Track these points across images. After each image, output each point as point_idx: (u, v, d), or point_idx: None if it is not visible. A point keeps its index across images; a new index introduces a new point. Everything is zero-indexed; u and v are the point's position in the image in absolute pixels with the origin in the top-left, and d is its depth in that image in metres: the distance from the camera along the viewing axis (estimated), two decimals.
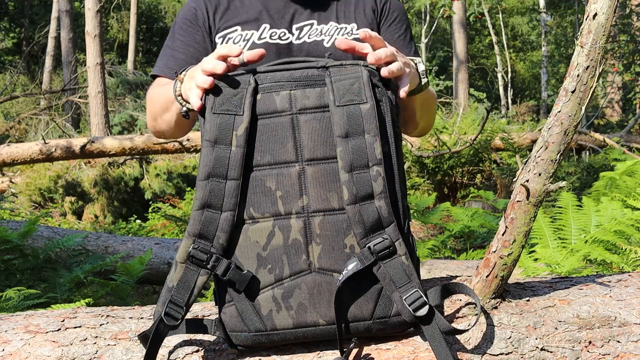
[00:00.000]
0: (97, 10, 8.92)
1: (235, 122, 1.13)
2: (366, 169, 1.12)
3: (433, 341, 1.12)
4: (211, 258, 1.13)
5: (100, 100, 8.94)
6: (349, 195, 1.12)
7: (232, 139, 1.13)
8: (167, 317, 1.13)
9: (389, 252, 1.12)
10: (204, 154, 1.14)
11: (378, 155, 1.12)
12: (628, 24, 12.98)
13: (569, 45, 17.78)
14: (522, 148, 6.98)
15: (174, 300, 1.14)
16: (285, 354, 1.17)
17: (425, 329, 1.12)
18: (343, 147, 1.12)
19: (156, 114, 1.48)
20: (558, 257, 2.46)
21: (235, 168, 1.13)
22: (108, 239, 4.36)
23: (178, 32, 1.54)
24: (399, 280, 1.12)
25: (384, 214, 1.12)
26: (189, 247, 1.14)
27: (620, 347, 1.17)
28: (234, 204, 1.13)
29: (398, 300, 1.13)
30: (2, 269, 3.47)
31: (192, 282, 1.14)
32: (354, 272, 1.10)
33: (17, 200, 8.05)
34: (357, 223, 1.12)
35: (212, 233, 1.13)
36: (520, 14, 22.82)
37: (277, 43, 1.47)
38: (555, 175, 1.15)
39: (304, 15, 1.50)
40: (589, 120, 12.75)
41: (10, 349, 1.18)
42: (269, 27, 1.49)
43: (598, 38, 1.09)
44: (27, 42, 20.65)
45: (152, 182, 7.87)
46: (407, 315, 1.13)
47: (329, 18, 1.51)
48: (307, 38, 1.48)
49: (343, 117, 1.13)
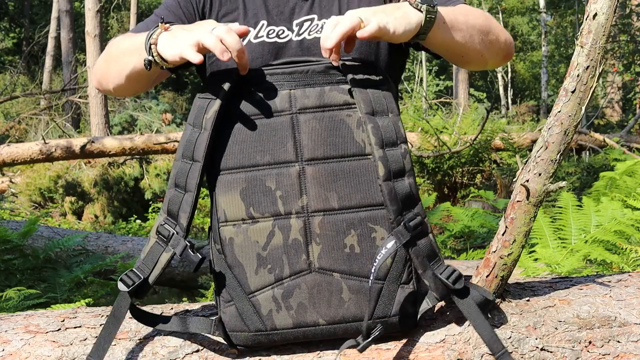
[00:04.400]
0: (97, 10, 8.93)
1: (208, 105, 1.15)
2: (396, 146, 1.13)
3: (470, 312, 1.12)
4: (172, 235, 1.14)
5: (100, 100, 8.95)
6: (384, 171, 1.12)
7: (202, 122, 1.15)
8: (121, 282, 1.15)
9: (422, 229, 1.13)
10: (184, 135, 1.17)
11: (403, 133, 1.14)
12: (628, 24, 12.98)
13: (569, 45, 17.77)
14: (522, 148, 6.97)
15: (136, 270, 1.16)
16: (285, 353, 1.17)
17: (461, 302, 1.13)
18: (373, 124, 1.13)
19: (112, 56, 1.34)
20: (558, 257, 2.46)
21: (199, 150, 1.14)
22: (108, 239, 4.36)
23: (169, 4, 1.41)
24: (431, 257, 1.13)
25: (413, 191, 1.13)
26: (159, 222, 1.16)
27: (620, 347, 1.17)
28: (194, 185, 1.14)
29: (431, 277, 1.13)
30: (2, 269, 3.47)
31: (156, 257, 1.16)
32: (394, 251, 1.10)
33: (17, 200, 8.04)
34: (392, 200, 1.12)
35: (175, 212, 1.15)
36: (520, 14, 22.81)
37: (275, 42, 1.36)
38: (555, 175, 1.15)
39: (305, 9, 1.38)
40: (589, 120, 12.75)
41: (10, 349, 1.18)
42: (266, 24, 1.38)
43: (598, 38, 1.09)
44: (27, 42, 20.64)
45: (152, 182, 7.87)
46: (440, 291, 1.13)
47: (331, 11, 1.38)
48: (307, 35, 1.36)
49: (368, 95, 1.14)
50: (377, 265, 1.09)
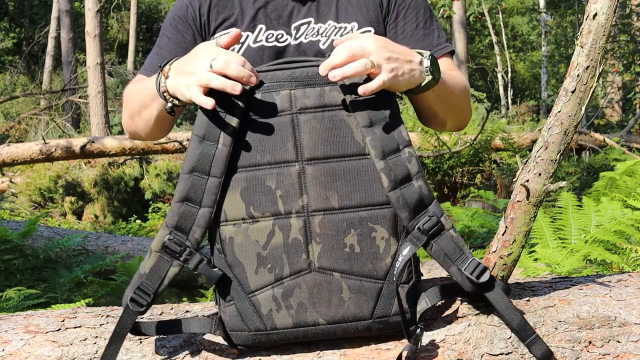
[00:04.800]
0: (97, 10, 8.92)
1: (225, 120, 1.14)
2: (398, 152, 1.13)
3: (499, 304, 1.13)
4: (185, 251, 1.14)
5: (100, 100, 8.94)
6: (388, 182, 1.12)
7: (220, 137, 1.13)
8: (133, 302, 1.14)
9: (438, 228, 1.13)
10: (191, 148, 1.14)
11: (405, 137, 1.14)
12: (628, 24, 12.97)
13: (569, 45, 17.77)
14: (522, 148, 6.97)
15: (143, 287, 1.15)
16: (285, 353, 1.17)
17: (489, 295, 1.13)
18: (372, 136, 1.13)
19: (134, 111, 1.39)
20: (558, 257, 2.46)
21: (218, 166, 1.13)
22: (108, 239, 4.36)
23: (167, 30, 1.45)
24: (452, 254, 1.13)
25: (424, 192, 1.13)
26: (165, 238, 1.15)
27: (620, 347, 1.17)
28: (212, 201, 1.14)
29: (457, 273, 1.13)
30: (2, 269, 3.47)
31: (164, 272, 1.15)
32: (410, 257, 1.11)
33: (17, 200, 8.05)
34: (401, 207, 1.12)
35: (188, 227, 1.14)
36: (520, 14, 22.81)
37: (274, 45, 1.38)
38: (555, 175, 1.15)
39: (302, 12, 1.39)
40: (589, 120, 12.75)
41: (10, 349, 1.18)
42: (265, 28, 1.39)
43: (598, 38, 1.09)
44: (27, 42, 20.64)
45: (152, 182, 7.87)
46: (467, 285, 1.13)
47: (328, 16, 1.40)
48: (304, 38, 1.39)
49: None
50: (397, 274, 1.10)
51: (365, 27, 1.41)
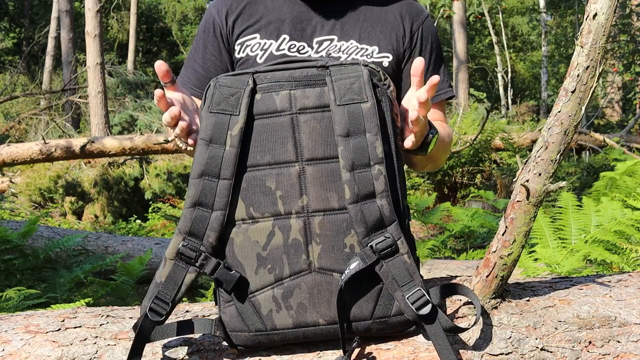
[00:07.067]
0: (97, 10, 8.93)
1: (230, 122, 1.14)
2: (368, 167, 1.12)
3: (436, 340, 1.12)
4: (200, 256, 1.14)
5: (100, 100, 8.94)
6: (350, 194, 1.11)
7: (227, 139, 1.13)
8: (152, 312, 1.14)
9: (391, 250, 1.12)
10: (198, 152, 1.14)
11: (379, 154, 1.12)
12: (628, 24, 12.98)
13: (569, 45, 17.78)
14: (522, 148, 6.98)
15: (160, 296, 1.15)
16: (285, 354, 1.17)
17: (428, 328, 1.12)
18: (344, 146, 1.12)
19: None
20: (558, 257, 2.46)
21: (228, 168, 1.13)
22: (108, 239, 4.37)
23: (197, 41, 1.56)
24: (401, 279, 1.12)
25: (385, 213, 1.12)
26: (179, 244, 1.14)
27: (620, 347, 1.17)
28: (224, 204, 1.13)
29: (401, 299, 1.13)
30: (2, 269, 3.47)
31: (180, 279, 1.15)
32: (356, 272, 1.10)
33: (17, 200, 8.05)
34: (358, 222, 1.12)
35: (202, 231, 1.14)
36: (520, 14, 22.83)
37: (296, 56, 1.44)
38: (555, 175, 1.15)
39: (326, 30, 1.48)
40: (589, 120, 12.75)
41: (10, 349, 1.18)
42: (288, 38, 1.47)
43: (598, 38, 1.09)
44: (27, 42, 20.65)
45: (152, 182, 7.87)
46: (409, 314, 1.13)
47: (351, 36, 1.48)
48: (325, 53, 1.46)
49: (344, 116, 1.13)
50: (341, 284, 1.10)
51: (384, 52, 1.50)
